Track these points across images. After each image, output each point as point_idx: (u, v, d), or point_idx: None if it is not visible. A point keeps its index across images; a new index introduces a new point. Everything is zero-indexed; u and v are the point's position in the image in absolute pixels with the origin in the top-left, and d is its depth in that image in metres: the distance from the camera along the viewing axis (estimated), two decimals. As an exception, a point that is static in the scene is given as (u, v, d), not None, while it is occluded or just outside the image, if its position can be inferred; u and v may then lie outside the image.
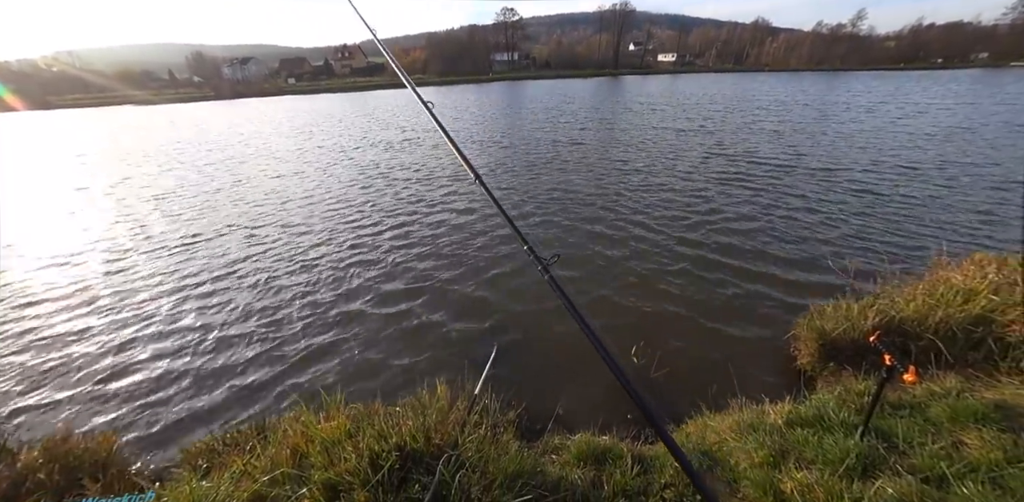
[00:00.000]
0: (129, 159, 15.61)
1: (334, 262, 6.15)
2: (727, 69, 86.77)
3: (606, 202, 8.23)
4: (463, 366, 3.85)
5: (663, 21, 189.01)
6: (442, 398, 3.11)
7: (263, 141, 18.47)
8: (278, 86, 74.04)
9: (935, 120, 16.22)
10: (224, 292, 5.44)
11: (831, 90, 33.21)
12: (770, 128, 15.66)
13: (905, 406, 2.51)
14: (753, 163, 10.45)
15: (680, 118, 19.27)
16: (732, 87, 40.54)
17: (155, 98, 62.20)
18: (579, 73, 77.77)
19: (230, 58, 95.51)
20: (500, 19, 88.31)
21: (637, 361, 3.87)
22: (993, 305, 3.06)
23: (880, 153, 11.05)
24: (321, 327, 4.64)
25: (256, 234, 7.30)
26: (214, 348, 4.38)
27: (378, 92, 56.18)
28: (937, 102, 22.19)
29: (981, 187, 8.19)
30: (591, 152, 12.78)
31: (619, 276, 5.42)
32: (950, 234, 6.18)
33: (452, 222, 7.52)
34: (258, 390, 3.82)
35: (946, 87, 31.59)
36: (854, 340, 3.33)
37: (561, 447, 2.66)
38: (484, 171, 11.36)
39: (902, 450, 2.08)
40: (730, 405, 3.02)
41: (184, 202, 9.56)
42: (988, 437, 2.02)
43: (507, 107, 28.06)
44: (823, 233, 6.42)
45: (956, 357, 2.97)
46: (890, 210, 7.21)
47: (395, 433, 2.59)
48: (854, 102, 23.61)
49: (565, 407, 3.38)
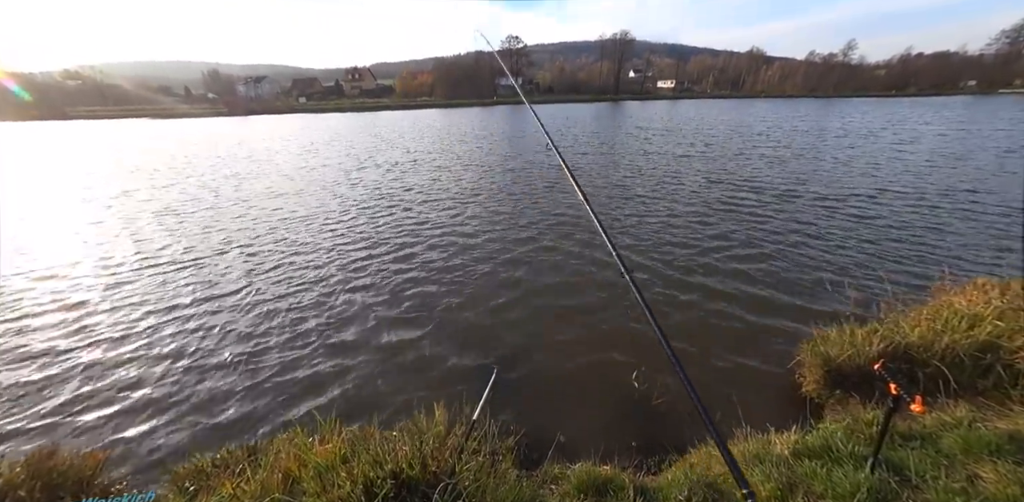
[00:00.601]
0: (137, 172, 15.81)
1: (332, 285, 6.07)
2: (724, 95, 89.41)
3: (611, 230, 8.30)
4: (462, 389, 3.78)
5: (662, 50, 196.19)
6: (440, 423, 3.04)
7: (270, 157, 18.82)
8: (289, 104, 76.40)
9: (932, 146, 16.52)
10: (216, 313, 5.33)
11: (827, 116, 34.08)
12: (770, 154, 15.91)
13: (916, 436, 2.43)
14: (754, 190, 10.53)
15: (683, 143, 19.64)
16: (730, 113, 41.64)
17: (170, 112, 64.17)
18: (581, 98, 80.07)
19: (245, 76, 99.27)
20: (506, 46, 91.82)
21: (638, 386, 3.80)
22: (999, 331, 3.03)
23: (878, 180, 11.17)
24: (317, 350, 4.55)
25: (254, 254, 7.25)
26: (205, 369, 4.29)
27: (385, 113, 57.84)
28: (933, 128, 22.70)
29: (980, 212, 8.25)
30: (594, 176, 12.92)
31: (620, 301, 5.37)
32: (952, 259, 6.17)
33: (456, 245, 7.49)
34: (250, 411, 3.73)
35: (939, 114, 32.40)
36: (859, 366, 3.27)
37: (561, 477, 2.57)
38: (484, 195, 11.49)
39: (915, 484, 2.01)
40: (735, 434, 2.94)
41: (183, 219, 9.53)
42: (1004, 470, 1.95)
43: (510, 130, 28.67)
44: (825, 259, 6.41)
45: (965, 385, 2.90)
46: (891, 236, 7.23)
47: (391, 459, 2.52)
48: (851, 128, 24.12)
49: (566, 434, 3.28)
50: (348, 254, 7.20)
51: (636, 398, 3.70)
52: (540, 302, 5.41)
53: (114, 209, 10.48)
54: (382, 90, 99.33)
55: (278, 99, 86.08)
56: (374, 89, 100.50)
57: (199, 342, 4.74)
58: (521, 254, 6.95)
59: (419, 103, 75.14)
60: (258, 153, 20.40)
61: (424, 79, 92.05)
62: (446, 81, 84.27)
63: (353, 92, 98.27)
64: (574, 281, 5.96)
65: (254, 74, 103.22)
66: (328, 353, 4.49)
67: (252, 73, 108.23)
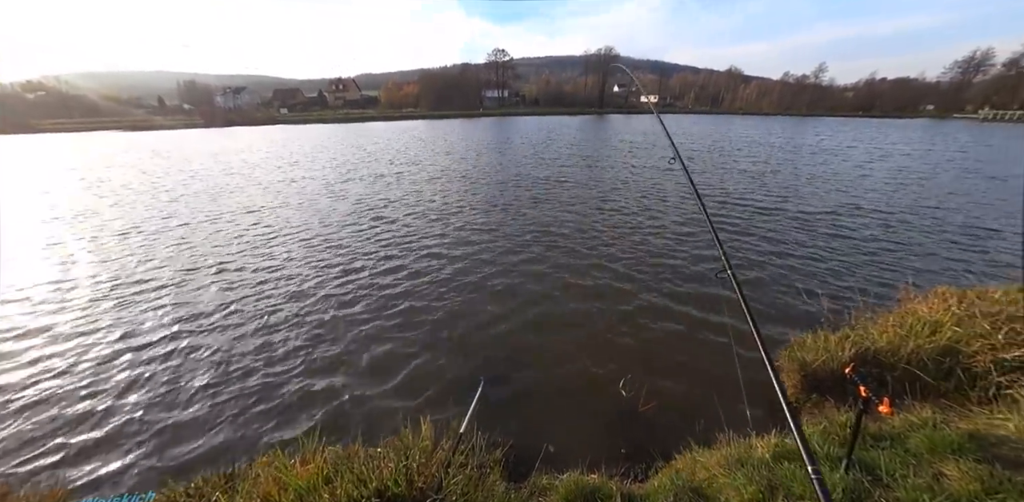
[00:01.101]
0: (102, 187, 14.85)
1: (313, 301, 5.94)
2: (704, 111, 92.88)
3: (595, 242, 8.44)
4: (449, 402, 3.76)
5: (645, 66, 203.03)
6: (426, 438, 3.01)
7: (247, 171, 18.15)
8: (270, 115, 75.06)
9: (900, 164, 17.49)
10: (188, 335, 5.11)
11: (802, 134, 35.68)
12: (750, 169, 16.44)
13: (886, 437, 2.54)
14: (735, 205, 10.78)
15: (666, 156, 20.16)
16: (711, 128, 43.18)
17: (144, 124, 62.08)
18: (567, 111, 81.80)
19: (224, 87, 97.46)
20: (492, 59, 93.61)
21: (625, 394, 3.85)
22: (958, 336, 3.21)
23: (850, 196, 11.68)
24: (297, 369, 4.41)
25: (230, 272, 6.91)
26: (176, 394, 4.09)
27: (371, 124, 57.64)
28: (900, 148, 24.01)
29: (940, 228, 8.73)
30: (580, 192, 12.98)
31: (605, 312, 5.45)
32: (918, 270, 6.50)
33: (439, 258, 7.47)
34: (228, 436, 3.57)
35: (904, 134, 34.37)
36: (834, 371, 3.41)
37: (549, 488, 2.58)
38: (468, 208, 11.55)
39: (886, 483, 2.10)
40: (718, 439, 3.00)
41: (150, 237, 8.91)
42: (966, 468, 2.06)
43: (495, 142, 28.95)
44: (802, 269, 6.64)
45: (929, 387, 3.06)
46: (862, 247, 7.57)
47: (375, 477, 2.49)
48: (824, 146, 25.28)
49: (554, 444, 3.29)
50: (329, 269, 7.08)
51: (623, 406, 3.74)
52: (526, 313, 5.44)
53: (76, 228, 9.66)
54: (367, 101, 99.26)
55: (258, 110, 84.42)
56: (359, 100, 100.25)
57: (170, 366, 4.51)
58: (506, 266, 6.99)
59: (404, 114, 75.08)
60: (235, 166, 19.69)
61: (410, 90, 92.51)
62: (432, 93, 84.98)
63: (337, 103, 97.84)
64: (559, 292, 6.02)
65: (233, 85, 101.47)
66: (310, 371, 4.37)
67: (231, 84, 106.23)
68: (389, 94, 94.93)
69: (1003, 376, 2.92)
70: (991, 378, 2.96)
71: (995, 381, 2.93)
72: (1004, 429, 2.41)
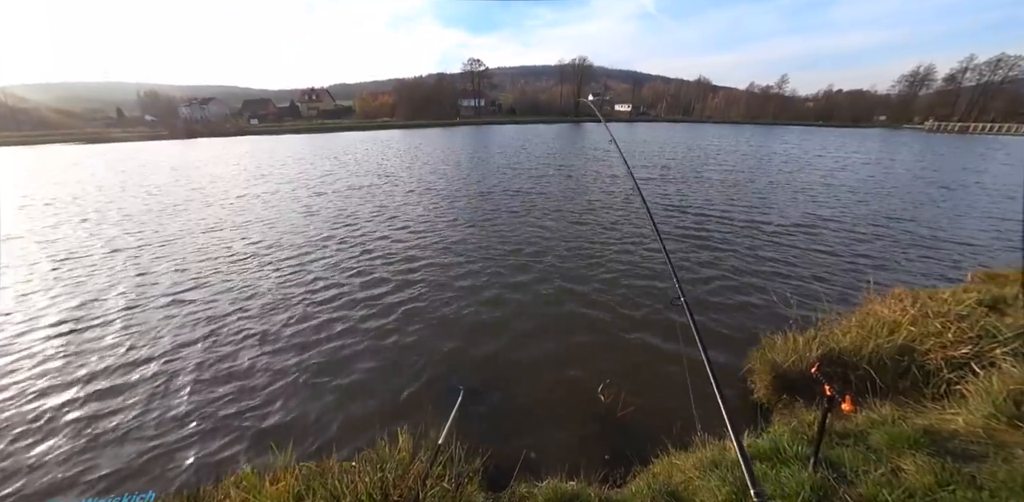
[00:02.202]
0: (33, 207, 13.06)
1: (287, 312, 5.81)
2: (677, 119, 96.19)
3: (577, 251, 8.52)
4: (427, 412, 3.69)
5: (618, 76, 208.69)
6: (404, 449, 2.95)
7: (213, 184, 16.86)
8: (239, 126, 72.57)
9: (864, 174, 18.34)
10: (141, 366, 4.89)
11: (769, 142, 37.33)
12: (720, 178, 16.89)
13: (850, 435, 2.65)
14: (705, 215, 10.85)
15: (641, 166, 20.43)
16: (683, 135, 44.54)
17: (102, 136, 58.67)
18: (543, 119, 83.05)
19: (189, 98, 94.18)
20: (468, 68, 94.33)
21: (604, 400, 3.87)
22: (912, 335, 3.40)
23: (818, 203, 12.27)
24: (269, 390, 4.24)
25: (190, 301, 6.19)
26: (140, 419, 3.91)
27: (346, 134, 56.70)
28: (863, 157, 25.39)
29: (901, 231, 9.33)
30: (560, 202, 13.07)
31: (576, 321, 5.49)
32: (884, 272, 6.89)
33: (419, 267, 7.43)
34: (195, 456, 3.41)
35: (865, 144, 36.40)
36: (803, 371, 3.53)
37: (528, 496, 2.56)
38: (444, 223, 11.51)
39: (850, 479, 2.18)
40: (694, 442, 3.06)
41: (92, 265, 7.67)
42: (921, 462, 2.17)
43: (472, 154, 28.83)
44: (774, 272, 6.93)
45: (889, 385, 3.21)
46: (832, 250, 7.98)
47: (350, 491, 2.42)
48: (793, 154, 26.51)
49: (534, 451, 3.27)
50: (302, 278, 6.95)
51: (602, 412, 3.77)
52: (504, 323, 5.42)
53: (5, 254, 8.44)
54: (341, 111, 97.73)
55: (227, 121, 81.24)
56: (333, 110, 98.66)
57: (128, 402, 4.28)
58: (483, 277, 6.97)
59: (380, 124, 74.29)
60: (198, 180, 18.33)
61: (385, 100, 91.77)
62: (408, 102, 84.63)
63: (311, 113, 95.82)
64: (536, 300, 6.05)
65: (200, 96, 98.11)
66: (286, 390, 4.22)
67: (198, 95, 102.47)
68: (364, 104, 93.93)
69: (952, 372, 3.10)
70: (943, 375, 3.14)
71: (946, 378, 3.11)
72: (954, 424, 2.56)
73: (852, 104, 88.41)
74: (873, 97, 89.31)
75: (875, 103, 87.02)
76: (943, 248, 8.24)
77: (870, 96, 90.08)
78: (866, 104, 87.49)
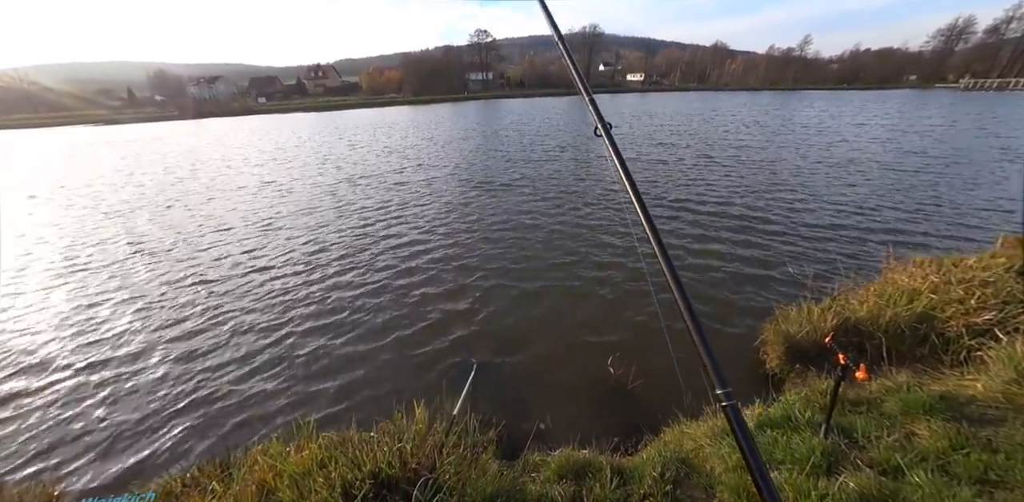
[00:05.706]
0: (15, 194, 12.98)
1: (310, 288, 6.00)
2: (691, 88, 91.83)
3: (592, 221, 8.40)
4: (442, 386, 3.80)
5: (630, 43, 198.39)
6: (420, 421, 3.05)
7: (224, 169, 16.48)
8: (247, 105, 72.52)
9: (927, 145, 15.45)
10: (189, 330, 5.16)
11: (795, 110, 33.58)
12: (751, 145, 15.93)
13: (863, 402, 2.64)
14: (762, 194, 9.90)
15: (654, 143, 19.50)
16: (699, 106, 42.18)
17: (112, 117, 59.33)
18: (553, 92, 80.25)
19: (197, 76, 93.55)
20: (474, 40, 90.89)
21: (614, 372, 3.92)
22: (933, 303, 3.31)
23: (847, 171, 11.65)
24: (290, 362, 4.44)
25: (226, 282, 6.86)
26: (174, 386, 4.15)
27: (353, 111, 55.91)
28: (924, 124, 21.43)
29: (936, 201, 8.69)
30: (586, 179, 12.87)
31: (594, 293, 5.50)
32: (902, 242, 6.58)
33: (437, 245, 7.49)
34: (220, 426, 3.62)
35: (906, 107, 32.85)
36: (816, 341, 3.50)
37: (541, 464, 2.64)
38: (459, 199, 11.42)
39: (862, 445, 2.19)
40: (705, 411, 3.10)
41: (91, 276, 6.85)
42: (936, 427, 2.15)
43: (483, 129, 28.19)
44: (789, 245, 6.76)
45: (905, 353, 3.16)
46: (850, 222, 7.67)
47: (369, 460, 2.52)
48: (827, 123, 23.40)
49: (546, 422, 3.36)
50: (323, 259, 7.07)
51: (612, 383, 3.83)
52: (515, 297, 5.47)
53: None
54: (348, 87, 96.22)
55: (235, 100, 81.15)
56: (339, 87, 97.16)
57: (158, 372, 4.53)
58: (493, 251, 6.99)
59: (388, 100, 73.05)
60: (209, 163, 18.03)
61: (392, 75, 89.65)
62: (415, 77, 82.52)
63: (317, 90, 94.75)
64: (549, 274, 6.06)
65: (207, 74, 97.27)
66: (306, 363, 4.40)
67: (204, 73, 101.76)
68: (371, 80, 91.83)
69: (973, 339, 3.02)
70: (963, 342, 3.07)
71: (966, 345, 3.04)
72: (972, 389, 2.52)
73: (880, 64, 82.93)
74: (904, 55, 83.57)
75: (906, 61, 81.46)
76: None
77: (901, 54, 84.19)
78: (896, 63, 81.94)
